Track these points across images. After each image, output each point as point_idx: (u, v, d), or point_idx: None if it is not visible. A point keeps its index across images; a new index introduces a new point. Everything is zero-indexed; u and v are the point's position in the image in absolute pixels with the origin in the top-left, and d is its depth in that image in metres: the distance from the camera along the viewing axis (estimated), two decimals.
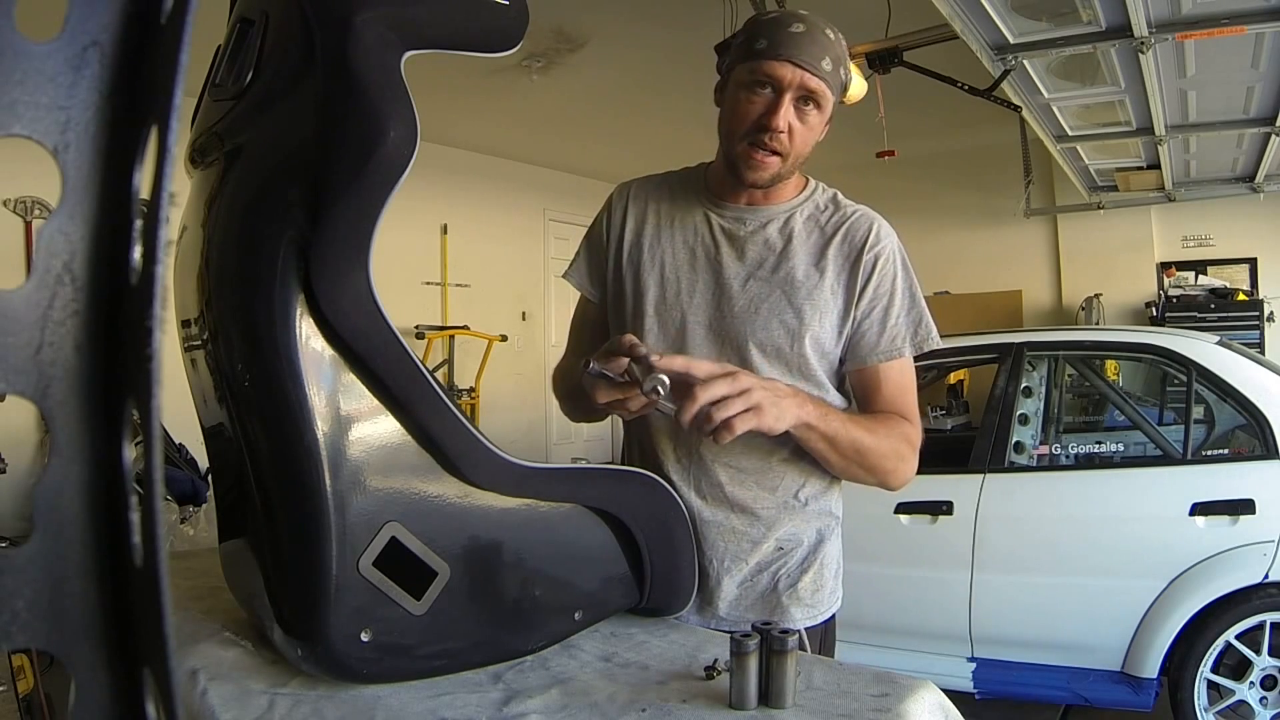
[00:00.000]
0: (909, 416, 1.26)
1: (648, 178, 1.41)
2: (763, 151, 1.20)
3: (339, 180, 0.85)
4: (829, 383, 1.26)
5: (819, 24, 1.20)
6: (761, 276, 1.25)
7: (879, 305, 1.24)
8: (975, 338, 3.62)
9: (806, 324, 1.23)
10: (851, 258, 1.24)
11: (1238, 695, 2.71)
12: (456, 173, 6.83)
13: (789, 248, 1.26)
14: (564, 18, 4.46)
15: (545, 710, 0.89)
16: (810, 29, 1.19)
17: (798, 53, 1.17)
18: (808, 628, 1.26)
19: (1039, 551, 2.95)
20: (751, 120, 1.20)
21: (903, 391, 1.26)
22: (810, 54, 1.17)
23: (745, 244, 1.27)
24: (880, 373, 1.25)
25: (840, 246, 1.25)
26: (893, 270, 1.25)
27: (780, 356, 1.23)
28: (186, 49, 0.33)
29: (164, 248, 0.33)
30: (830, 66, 1.19)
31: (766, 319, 1.23)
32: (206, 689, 0.93)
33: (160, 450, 0.32)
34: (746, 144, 1.21)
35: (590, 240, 1.41)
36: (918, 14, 3.46)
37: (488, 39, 0.96)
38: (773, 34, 1.18)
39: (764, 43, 1.18)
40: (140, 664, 0.35)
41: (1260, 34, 3.16)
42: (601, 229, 1.38)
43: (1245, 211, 6.41)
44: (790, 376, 1.22)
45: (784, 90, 1.18)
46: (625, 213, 1.36)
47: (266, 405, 0.89)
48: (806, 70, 1.17)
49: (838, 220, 1.27)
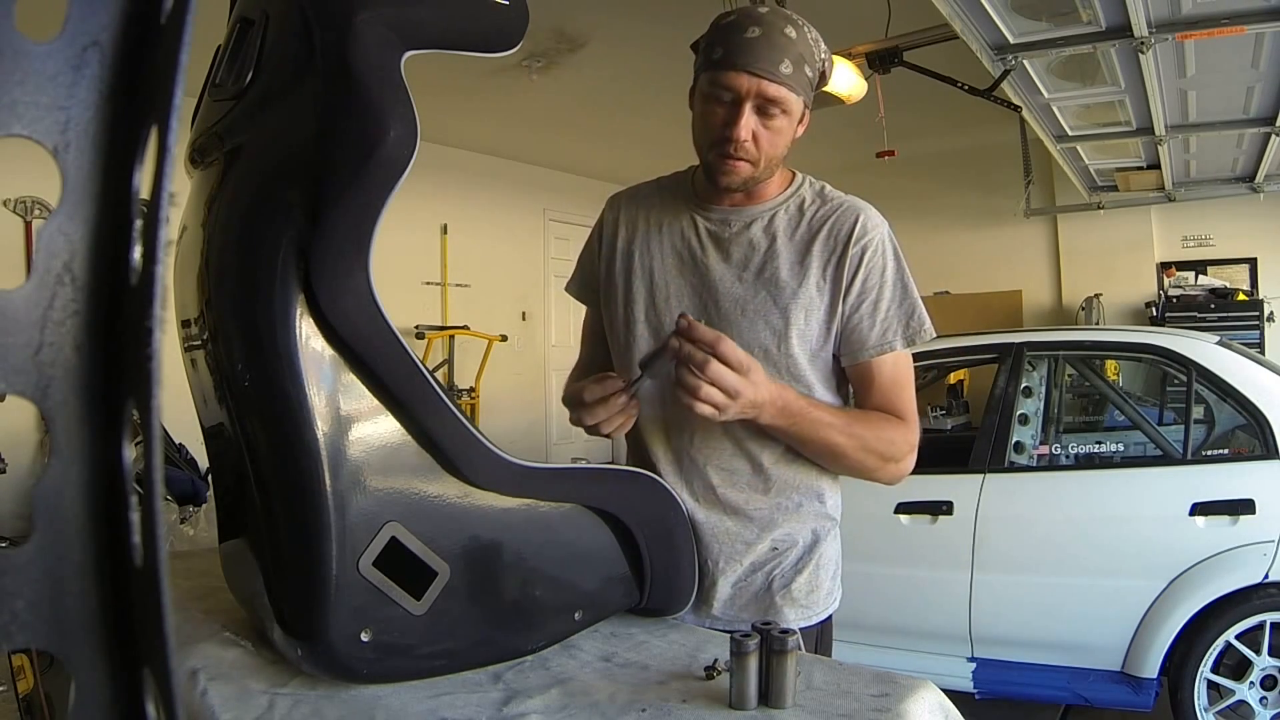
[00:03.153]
0: (903, 412, 1.24)
1: (638, 187, 1.41)
2: (731, 159, 1.19)
3: (339, 180, 0.85)
4: (820, 383, 1.25)
5: (777, 23, 1.16)
6: (747, 279, 1.24)
7: (868, 298, 1.23)
8: (975, 338, 3.62)
9: (792, 324, 1.22)
10: (837, 252, 1.23)
11: (1238, 695, 2.71)
12: (456, 173, 6.83)
13: (773, 247, 1.25)
14: (564, 18, 4.46)
15: (545, 710, 0.89)
16: (766, 31, 1.15)
17: (753, 61, 1.14)
18: (803, 628, 1.25)
19: (1039, 551, 2.95)
20: (715, 131, 1.19)
21: (897, 386, 1.25)
22: (767, 60, 1.14)
23: (730, 245, 1.27)
24: (873, 368, 1.24)
25: (825, 241, 1.23)
26: (881, 262, 1.23)
27: (768, 358, 1.22)
28: (186, 49, 0.33)
29: (164, 248, 0.33)
30: (790, 69, 1.15)
31: (753, 320, 1.23)
32: (206, 689, 0.93)
33: (160, 450, 0.32)
34: (715, 153, 1.20)
35: (588, 252, 1.42)
36: (918, 14, 3.46)
37: (488, 39, 0.96)
38: (728, 41, 1.16)
39: (720, 51, 1.16)
40: (140, 664, 0.35)
41: (1260, 34, 3.16)
42: (595, 242, 1.40)
43: (1245, 211, 6.40)
44: (780, 378, 1.22)
45: (742, 100, 1.16)
46: (616, 223, 1.37)
47: (266, 405, 0.89)
48: (763, 78, 1.14)
49: (824, 214, 1.25)
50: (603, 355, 1.39)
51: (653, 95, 5.62)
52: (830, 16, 1.19)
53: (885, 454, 1.22)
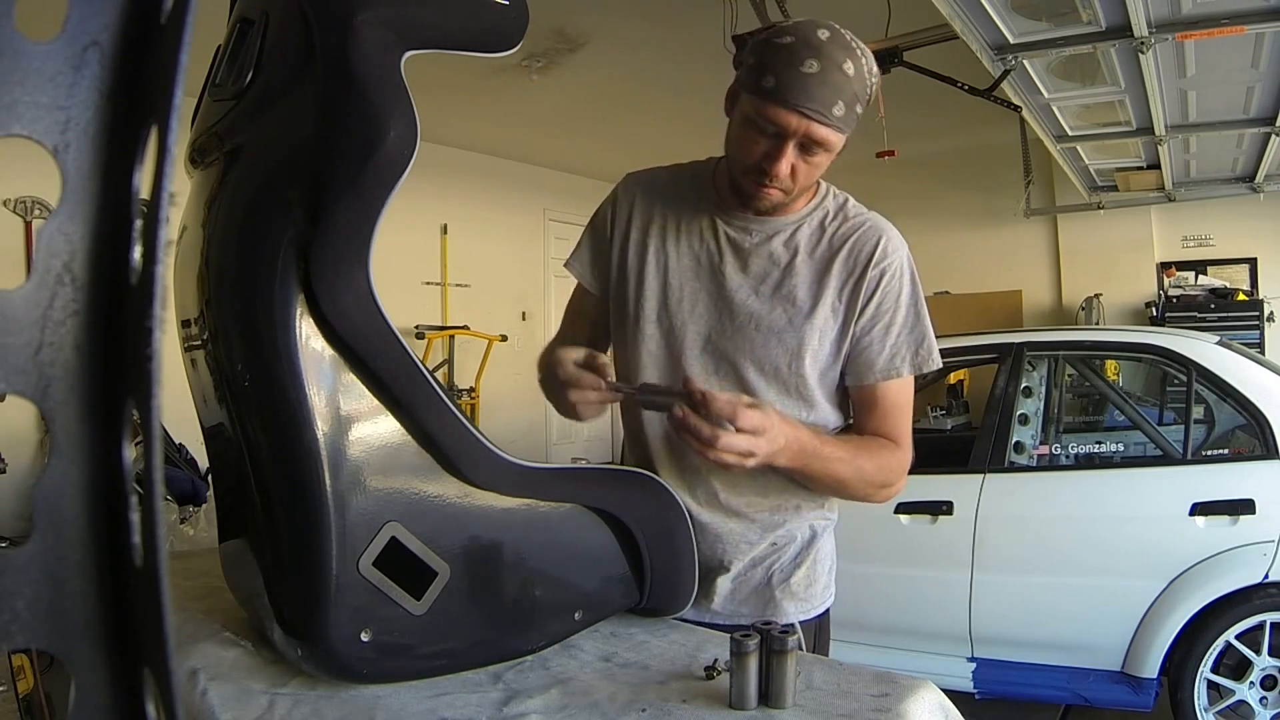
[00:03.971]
0: (899, 437, 1.24)
1: (655, 172, 1.36)
2: (764, 188, 1.16)
3: (339, 180, 0.85)
4: (826, 400, 1.24)
5: (835, 57, 1.07)
6: (764, 293, 1.22)
7: (880, 322, 1.21)
8: (975, 338, 3.62)
9: (806, 345, 1.21)
10: (856, 273, 1.21)
11: (1238, 695, 2.71)
12: (456, 173, 6.82)
13: (793, 264, 1.22)
14: (564, 18, 4.46)
15: (545, 710, 0.89)
16: (824, 68, 1.06)
17: (806, 100, 1.07)
18: (802, 621, 1.27)
19: (1039, 551, 2.95)
20: (753, 160, 1.14)
21: (898, 411, 1.24)
22: (820, 100, 1.07)
23: (750, 256, 1.24)
24: (877, 392, 1.23)
25: (845, 261, 1.21)
26: (898, 286, 1.22)
27: (777, 376, 1.22)
28: (186, 49, 0.33)
29: (164, 248, 0.33)
30: (843, 110, 1.09)
31: (766, 337, 1.21)
32: (206, 689, 0.93)
33: (160, 450, 0.32)
34: (749, 179, 1.17)
35: (594, 231, 1.35)
36: (918, 14, 3.45)
37: (488, 39, 0.96)
38: (782, 72, 1.07)
39: (771, 81, 1.08)
40: (140, 664, 0.35)
41: (1260, 34, 3.16)
42: (606, 222, 1.33)
43: (1245, 211, 6.40)
44: (787, 396, 1.22)
45: (787, 138, 1.10)
46: (632, 209, 1.31)
47: (266, 405, 0.89)
48: (814, 120, 1.08)
49: (845, 231, 1.23)
50: (584, 339, 1.34)
51: (653, 95, 5.62)
52: (830, 16, 1.17)
53: (883, 482, 1.22)
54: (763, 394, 1.21)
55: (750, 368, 1.22)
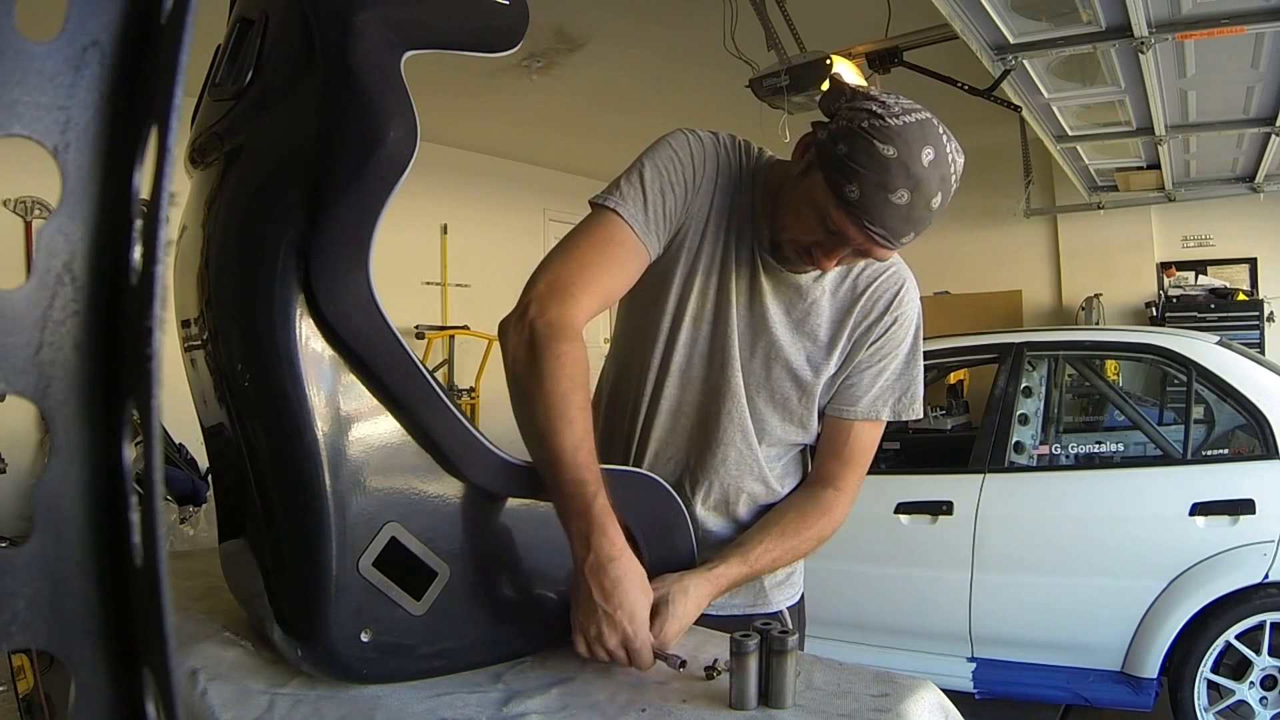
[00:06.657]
0: (847, 485, 1.24)
1: (719, 147, 1.22)
2: (804, 264, 1.15)
3: (339, 180, 0.85)
4: (817, 425, 1.27)
5: (930, 187, 1.00)
6: (789, 324, 1.22)
7: (874, 365, 1.23)
8: (975, 338, 3.62)
9: (819, 383, 1.23)
10: (872, 317, 1.22)
11: (1238, 695, 2.71)
12: (456, 173, 6.82)
13: (818, 301, 1.22)
14: (564, 18, 4.46)
15: (545, 710, 0.89)
16: (913, 201, 1.00)
17: (882, 227, 1.02)
18: (789, 607, 1.33)
19: (1039, 551, 2.95)
20: (804, 242, 1.11)
21: (861, 455, 1.25)
22: (896, 231, 1.02)
23: (780, 280, 1.22)
24: (850, 430, 1.24)
25: (864, 305, 1.22)
26: (903, 335, 1.24)
27: (786, 407, 1.24)
28: (186, 49, 0.33)
29: (164, 248, 0.33)
30: (912, 238, 1.04)
31: (782, 372, 1.22)
32: (206, 689, 0.93)
33: (160, 450, 0.32)
34: (795, 254, 1.14)
35: (669, 185, 1.17)
36: (918, 14, 3.46)
37: (488, 39, 0.95)
38: (871, 194, 1.00)
39: (856, 194, 1.01)
40: (140, 664, 0.35)
41: (1260, 34, 3.16)
42: (684, 181, 1.18)
43: (1245, 211, 6.41)
44: (789, 423, 1.24)
45: (848, 244, 1.07)
46: (704, 189, 1.20)
47: (266, 405, 0.89)
48: (881, 245, 1.05)
49: (870, 275, 1.23)
50: (612, 301, 1.20)
51: (653, 95, 5.62)
52: (830, 16, 1.17)
53: (818, 545, 1.24)
54: (765, 419, 1.24)
55: (762, 398, 1.23)
